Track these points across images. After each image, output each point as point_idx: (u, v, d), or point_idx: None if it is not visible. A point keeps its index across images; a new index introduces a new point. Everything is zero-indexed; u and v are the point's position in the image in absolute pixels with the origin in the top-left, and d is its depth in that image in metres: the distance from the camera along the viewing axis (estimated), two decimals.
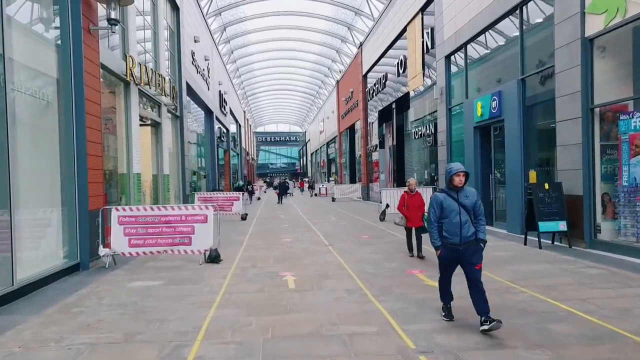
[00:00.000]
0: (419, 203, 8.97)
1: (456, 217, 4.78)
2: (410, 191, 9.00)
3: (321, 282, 6.97)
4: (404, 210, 8.95)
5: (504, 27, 12.56)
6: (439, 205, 4.88)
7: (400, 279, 7.14)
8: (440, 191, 5.01)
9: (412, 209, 8.88)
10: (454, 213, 4.79)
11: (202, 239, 8.75)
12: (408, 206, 8.92)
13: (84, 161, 8.22)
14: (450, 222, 4.80)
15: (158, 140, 14.74)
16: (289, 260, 8.91)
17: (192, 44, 20.55)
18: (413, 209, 8.89)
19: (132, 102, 11.61)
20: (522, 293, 6.08)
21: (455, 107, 15.76)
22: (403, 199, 9.01)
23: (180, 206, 8.95)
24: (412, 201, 8.94)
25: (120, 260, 8.86)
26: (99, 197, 8.83)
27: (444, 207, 4.83)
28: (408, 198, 8.95)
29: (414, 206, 8.91)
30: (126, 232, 8.65)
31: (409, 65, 20.11)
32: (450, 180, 4.81)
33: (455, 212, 4.79)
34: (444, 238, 4.87)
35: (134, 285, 6.99)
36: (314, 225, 15.35)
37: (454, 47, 15.13)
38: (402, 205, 9.01)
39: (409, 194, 8.98)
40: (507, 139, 11.94)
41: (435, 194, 5.03)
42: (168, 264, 8.75)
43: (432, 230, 4.97)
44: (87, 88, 8.36)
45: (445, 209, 4.82)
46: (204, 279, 7.39)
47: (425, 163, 19.55)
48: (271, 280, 7.21)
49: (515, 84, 11.43)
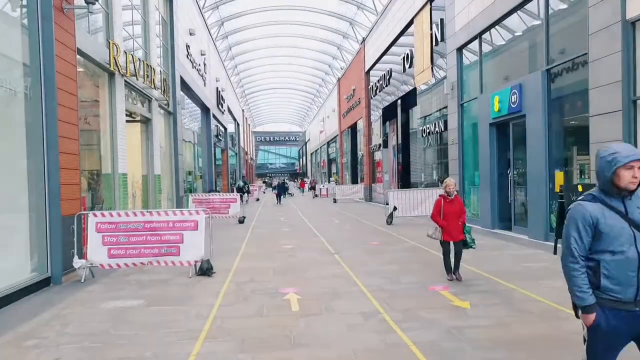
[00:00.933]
0: (459, 210, 7.10)
1: (630, 249, 2.45)
2: (448, 195, 7.08)
3: (330, 303, 5.90)
4: (440, 220, 7.08)
5: (525, 14, 11.51)
6: (590, 224, 2.50)
7: (424, 298, 6.07)
8: (586, 198, 2.59)
9: (450, 218, 7.03)
10: (624, 240, 2.46)
11: (192, 248, 7.68)
12: (445, 214, 7.03)
13: (55, 160, 7.15)
14: (617, 260, 2.46)
15: (148, 137, 13.65)
16: (291, 272, 7.84)
17: (187, 37, 19.47)
18: (451, 217, 7.03)
19: (118, 95, 10.53)
20: (577, 319, 5.00)
21: (468, 102, 14.70)
22: (438, 204, 7.14)
23: (167, 211, 7.87)
24: (450, 208, 7.04)
25: (100, 272, 7.79)
26: (74, 201, 7.75)
27: (602, 228, 2.48)
28: (445, 204, 7.07)
29: (452, 214, 7.04)
30: (105, 240, 7.57)
31: (416, 59, 19.04)
32: (615, 178, 2.47)
33: (626, 238, 2.46)
34: (603, 291, 2.52)
35: (109, 307, 5.92)
36: (317, 229, 14.29)
37: (467, 39, 14.07)
38: (438, 213, 7.10)
39: (446, 199, 7.10)
40: (529, 136, 10.88)
41: (578, 202, 2.60)
42: (153, 276, 7.67)
43: (572, 274, 2.56)
44: (59, 76, 7.29)
45: (606, 234, 2.47)
46: (192, 297, 6.32)
47: (434, 163, 18.48)
48: (271, 299, 6.14)
49: (539, 76, 10.36)
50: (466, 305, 5.65)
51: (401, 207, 15.13)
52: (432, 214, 7.21)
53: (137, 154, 13.59)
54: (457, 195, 7.24)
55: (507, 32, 12.44)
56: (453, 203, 7.06)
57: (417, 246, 10.31)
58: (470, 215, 14.74)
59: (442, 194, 7.17)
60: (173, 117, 16.50)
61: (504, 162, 12.72)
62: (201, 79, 22.85)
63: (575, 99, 9.82)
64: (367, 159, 29.94)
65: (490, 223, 12.72)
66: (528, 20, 11.39)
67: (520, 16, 11.62)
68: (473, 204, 14.70)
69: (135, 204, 13.71)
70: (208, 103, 24.98)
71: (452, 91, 15.34)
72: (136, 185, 14.00)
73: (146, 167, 13.64)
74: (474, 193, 14.76)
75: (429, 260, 8.62)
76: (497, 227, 12.56)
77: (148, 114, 13.56)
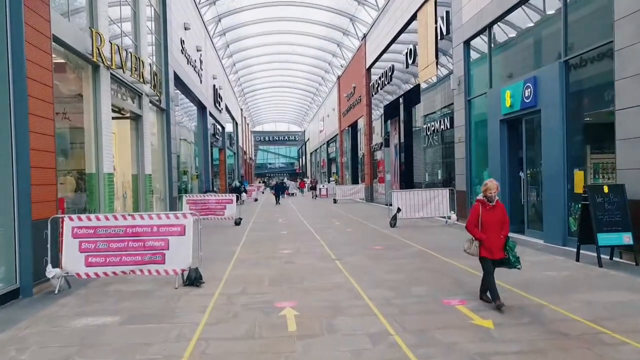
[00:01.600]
0: (501, 219, 5.67)
1: None
2: (488, 200, 5.65)
3: (332, 321, 5.15)
4: (477, 231, 5.70)
5: (539, 1, 10.77)
6: None
7: (438, 314, 5.32)
8: None
9: (491, 229, 5.60)
10: None
11: (179, 255, 6.93)
12: (484, 224, 5.63)
13: (25, 157, 6.41)
14: None
15: (138, 135, 12.90)
16: (288, 282, 7.09)
17: (181, 31, 18.71)
18: (492, 228, 5.60)
19: (103, 89, 9.77)
20: (624, 344, 4.26)
21: (475, 98, 13.96)
22: (475, 212, 5.72)
23: (152, 215, 7.12)
24: (490, 217, 5.63)
25: (77, 282, 7.04)
26: (48, 204, 7.00)
27: None
28: (484, 212, 5.66)
29: (492, 225, 5.61)
30: (82, 247, 6.82)
31: (420, 54, 18.29)
32: None
33: None
34: None
35: (79, 325, 5.17)
36: (316, 231, 13.54)
37: (475, 30, 13.33)
38: (475, 223, 5.70)
39: (486, 205, 5.67)
40: (545, 133, 10.14)
41: None
42: (136, 287, 6.93)
43: None
44: (31, 65, 6.54)
45: None
46: (175, 313, 5.57)
47: (438, 162, 17.73)
48: (265, 316, 5.39)
49: (557, 68, 9.62)
50: (489, 324, 4.90)
51: (405, 209, 14.38)
52: (468, 224, 5.81)
53: (126, 152, 12.86)
54: (499, 202, 5.76)
55: (519, 22, 11.70)
56: (494, 211, 5.66)
57: (424, 251, 9.57)
58: None
59: (481, 199, 5.73)
60: (166, 114, 15.75)
61: (515, 161, 11.98)
62: (197, 75, 22.10)
63: (597, 91, 9.08)
64: (367, 159, 29.19)
65: None
66: (542, 9, 10.65)
67: (534, 4, 10.89)
68: None
69: (126, 205, 13.00)
70: (205, 101, 24.23)
71: (458, 86, 14.61)
72: (127, 185, 13.28)
73: (136, 166, 12.89)
74: None
75: (438, 268, 7.87)
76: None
77: (138, 110, 12.81)
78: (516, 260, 5.61)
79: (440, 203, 14.51)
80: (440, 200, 14.53)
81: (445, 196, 14.55)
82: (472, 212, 5.77)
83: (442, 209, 14.53)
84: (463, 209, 14.48)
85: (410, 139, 22.01)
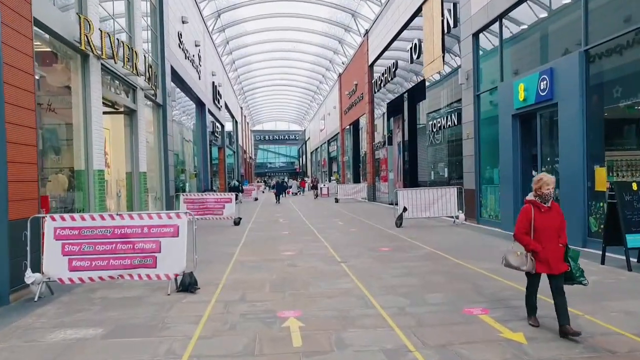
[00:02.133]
0: (559, 224, 4.55)
1: None
2: (542, 200, 4.52)
3: (342, 334, 4.57)
4: (530, 240, 4.52)
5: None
6: None
7: (460, 326, 4.74)
8: None
9: (547, 236, 4.48)
10: None
11: (172, 259, 6.35)
12: (537, 230, 4.50)
13: (1, 151, 5.82)
14: None
15: (133, 131, 12.31)
16: (291, 287, 6.51)
17: (179, 24, 18.12)
18: (548, 235, 4.48)
19: (93, 80, 9.18)
20: None
21: (485, 93, 13.38)
22: (527, 216, 4.56)
23: (142, 214, 6.53)
24: (545, 221, 4.49)
25: (61, 289, 6.45)
26: (28, 202, 6.41)
27: None
28: (538, 215, 4.50)
29: (549, 230, 4.48)
30: (66, 250, 6.24)
31: (425, 49, 17.68)
32: None
33: None
34: None
35: (56, 339, 4.58)
36: (319, 232, 12.95)
37: (485, 22, 12.74)
38: (526, 230, 4.55)
39: (540, 207, 4.52)
40: (562, 128, 9.55)
41: None
42: (125, 293, 6.34)
43: None
44: (7, 49, 5.96)
45: None
46: (166, 324, 4.98)
47: (445, 160, 17.13)
48: (266, 327, 4.80)
49: (576, 58, 9.03)
50: (520, 338, 4.32)
51: (411, 208, 13.79)
52: (517, 231, 4.62)
53: (121, 149, 12.28)
54: (555, 203, 4.61)
55: (532, 11, 11.11)
56: (550, 213, 4.51)
57: (434, 253, 8.99)
58: (487, 217, 13.47)
59: (531, 199, 4.59)
60: (163, 110, 15.16)
61: (528, 157, 11.41)
62: (195, 71, 21.50)
63: (622, 83, 8.49)
64: (370, 157, 28.60)
65: (513, 226, 11.36)
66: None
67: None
68: (491, 205, 13.38)
69: (120, 205, 12.43)
70: (203, 98, 23.63)
71: (467, 81, 14.02)
72: (121, 183, 12.71)
73: (130, 163, 12.30)
74: (491, 192, 13.44)
75: (452, 271, 7.28)
76: None
77: (132, 105, 12.22)
78: (581, 274, 4.54)
79: (448, 202, 13.92)
80: (448, 199, 13.93)
81: (453, 195, 13.95)
82: (522, 216, 4.60)
83: (449, 209, 13.94)
84: (471, 209, 13.89)
85: (414, 137, 21.43)
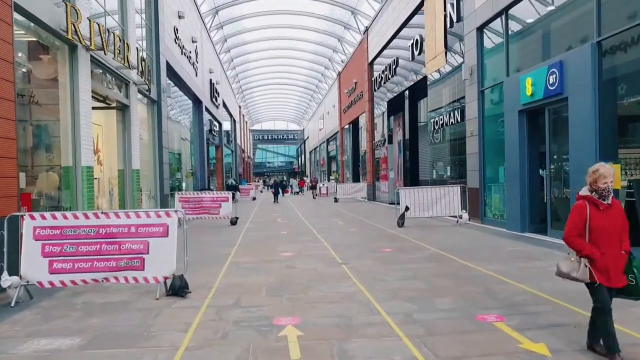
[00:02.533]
0: (621, 225, 3.73)
1: None
2: (600, 196, 3.68)
3: (344, 344, 4.14)
4: (585, 244, 3.69)
5: None
6: None
7: (475, 335, 4.31)
8: None
9: (606, 240, 3.66)
10: None
11: (161, 260, 5.91)
12: (594, 232, 3.67)
13: None
14: None
15: (125, 127, 11.86)
16: (289, 291, 6.07)
17: (175, 19, 17.67)
18: (607, 238, 3.66)
19: (81, 72, 8.74)
20: None
21: (489, 88, 12.96)
22: (582, 214, 3.70)
23: (129, 212, 6.09)
24: (604, 220, 3.67)
25: (41, 293, 6.01)
26: (6, 199, 5.97)
27: None
28: (595, 214, 3.67)
29: (609, 232, 3.67)
30: (46, 251, 5.79)
31: (427, 45, 17.26)
32: None
33: None
34: None
35: (27, 351, 4.14)
36: (318, 232, 12.52)
37: (490, 15, 12.33)
38: (580, 231, 3.71)
39: (598, 204, 3.68)
40: (573, 123, 9.13)
41: None
42: (110, 297, 5.90)
43: None
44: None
45: None
46: (152, 332, 4.55)
47: (447, 158, 16.71)
48: (261, 337, 4.37)
49: (588, 50, 8.61)
50: (543, 349, 3.90)
51: (413, 207, 13.37)
52: (567, 233, 3.77)
53: (111, 145, 11.84)
54: (615, 199, 3.77)
55: (539, 3, 10.70)
56: (610, 212, 3.68)
57: (440, 254, 8.56)
58: (492, 216, 13.05)
59: (586, 195, 3.74)
60: (157, 106, 14.72)
61: (536, 154, 10.99)
62: (192, 67, 21.06)
63: (636, 76, 8.07)
64: (369, 156, 28.18)
65: (520, 226, 10.97)
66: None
67: None
68: (496, 204, 12.97)
69: (112, 203, 11.99)
70: (200, 95, 23.20)
71: (470, 76, 13.60)
72: (114, 181, 12.27)
73: (123, 160, 11.86)
74: (496, 191, 13.03)
75: (460, 274, 6.86)
76: (528, 231, 10.82)
77: (125, 100, 11.78)
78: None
79: (451, 201, 13.49)
80: (451, 198, 13.50)
81: (456, 194, 13.52)
82: (575, 215, 3.72)
83: (452, 208, 13.51)
84: (475, 208, 13.48)
85: (415, 135, 21.03)
